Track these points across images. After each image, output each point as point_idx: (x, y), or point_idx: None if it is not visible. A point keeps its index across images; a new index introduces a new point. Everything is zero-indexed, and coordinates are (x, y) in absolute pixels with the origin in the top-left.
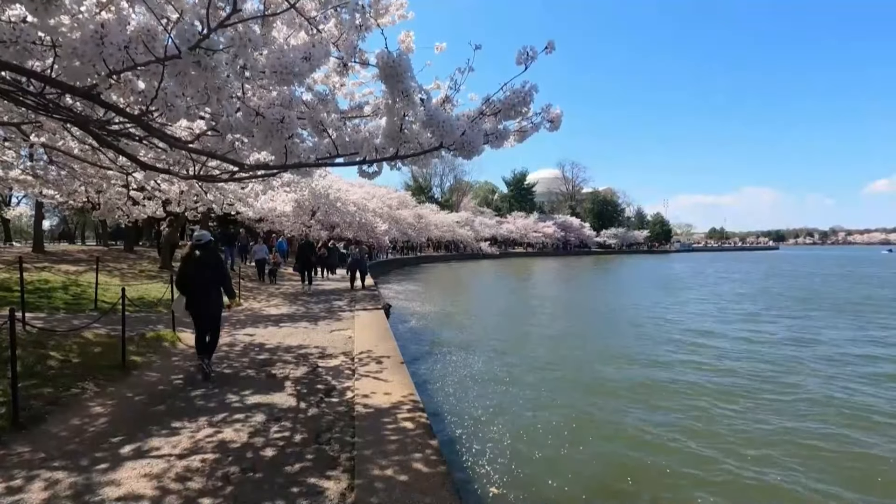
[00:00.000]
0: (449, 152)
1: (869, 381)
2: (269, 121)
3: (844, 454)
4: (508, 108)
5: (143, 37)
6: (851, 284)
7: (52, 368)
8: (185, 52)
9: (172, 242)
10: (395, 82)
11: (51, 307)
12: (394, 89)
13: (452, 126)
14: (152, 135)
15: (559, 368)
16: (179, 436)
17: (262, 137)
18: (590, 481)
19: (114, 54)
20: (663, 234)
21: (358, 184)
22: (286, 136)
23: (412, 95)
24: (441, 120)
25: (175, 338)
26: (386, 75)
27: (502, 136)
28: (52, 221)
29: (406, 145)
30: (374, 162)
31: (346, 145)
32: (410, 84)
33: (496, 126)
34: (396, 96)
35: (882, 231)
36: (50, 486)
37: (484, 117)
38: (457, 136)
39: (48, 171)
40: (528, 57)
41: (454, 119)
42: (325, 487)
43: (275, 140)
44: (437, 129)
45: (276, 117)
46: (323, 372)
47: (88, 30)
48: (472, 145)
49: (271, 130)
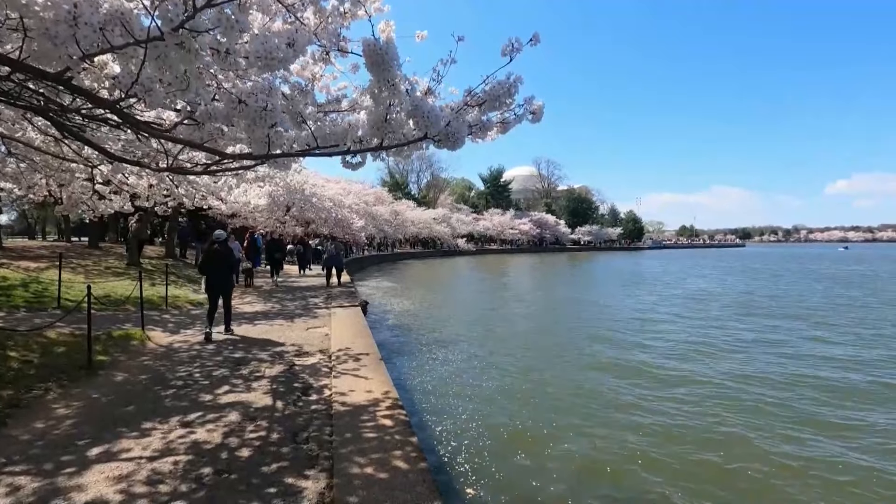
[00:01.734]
0: (434, 143)
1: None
2: (251, 108)
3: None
4: (493, 100)
5: (121, 17)
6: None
7: (12, 369)
8: (167, 34)
9: (141, 238)
10: (381, 70)
11: (10, 305)
12: (379, 78)
13: (437, 116)
14: (127, 123)
15: (531, 362)
16: (150, 437)
17: (246, 126)
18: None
19: (88, 35)
20: (636, 231)
21: (334, 179)
22: (269, 125)
23: (398, 84)
24: (426, 110)
25: (144, 336)
26: (372, 63)
27: (486, 127)
28: (10, 216)
29: (391, 135)
30: (359, 152)
31: (326, 137)
32: (396, 73)
33: (480, 117)
34: (382, 85)
35: (841, 229)
36: (11, 491)
37: (468, 108)
38: (441, 127)
39: (6, 164)
40: (513, 49)
41: (439, 109)
42: (303, 487)
43: (257, 129)
44: (423, 119)
45: (259, 105)
46: (300, 370)
47: (62, 9)
48: (456, 136)
49: (254, 119)
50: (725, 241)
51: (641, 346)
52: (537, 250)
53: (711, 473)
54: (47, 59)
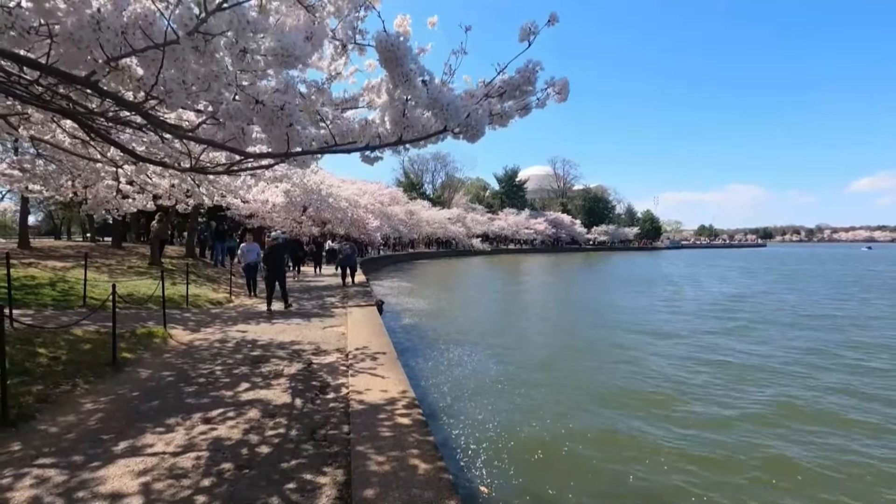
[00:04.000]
0: (453, 135)
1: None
2: (269, 108)
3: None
4: (513, 89)
5: (141, 22)
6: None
7: (41, 365)
8: (183, 37)
9: (162, 238)
10: (395, 66)
11: (38, 304)
12: (394, 73)
13: (457, 108)
14: (152, 124)
15: (549, 365)
16: (173, 433)
17: (264, 126)
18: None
19: (111, 40)
20: (653, 231)
21: (350, 180)
22: (287, 124)
23: (413, 79)
24: (446, 102)
25: (166, 334)
26: (385, 59)
27: (506, 115)
28: (37, 217)
29: (409, 129)
30: (378, 148)
31: (344, 134)
32: (410, 67)
33: (499, 105)
34: (397, 81)
35: (866, 229)
36: (40, 483)
37: (487, 99)
38: (462, 118)
39: (35, 165)
40: (530, 32)
41: (459, 101)
42: (322, 483)
43: (275, 128)
44: (442, 111)
45: (276, 104)
46: (317, 368)
47: (85, 14)
48: (477, 127)
49: (271, 119)
50: (746, 240)
51: (652, 340)
52: (553, 250)
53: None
54: (74, 63)
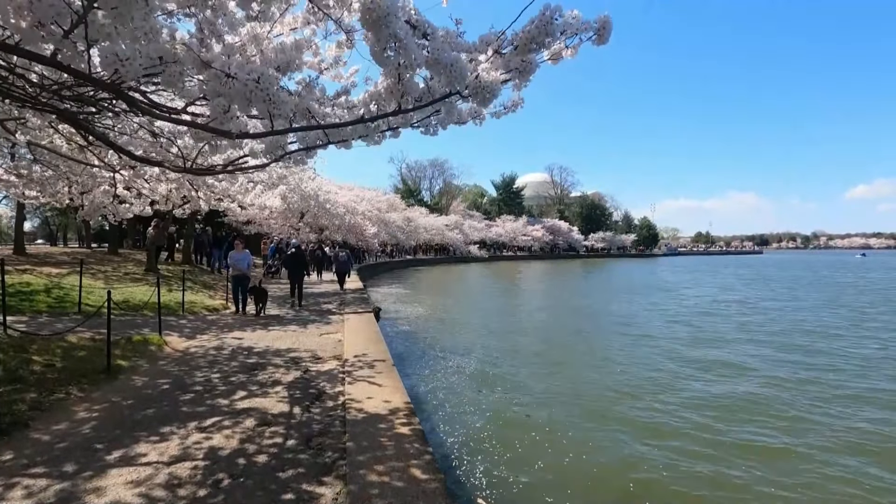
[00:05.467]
0: (462, 99)
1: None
2: (241, 82)
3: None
4: (528, 41)
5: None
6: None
7: (35, 373)
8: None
9: (158, 244)
10: (380, 27)
11: (33, 310)
12: (379, 36)
13: (463, 68)
14: (128, 104)
15: (547, 371)
16: (168, 442)
17: (241, 104)
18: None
19: (53, 4)
20: (650, 237)
21: (347, 186)
22: (265, 98)
23: (405, 40)
24: (448, 62)
25: (162, 342)
26: (367, 20)
27: (527, 70)
28: (33, 223)
29: (408, 96)
30: (376, 119)
31: (338, 132)
32: (398, 28)
33: (517, 59)
34: (385, 44)
35: (862, 236)
36: (32, 494)
37: (499, 56)
38: (470, 79)
39: (32, 171)
40: None
41: (465, 60)
42: (320, 494)
43: (255, 103)
44: (446, 72)
45: (250, 77)
46: (314, 376)
47: None
48: (489, 89)
49: (244, 94)
50: (742, 247)
51: (654, 343)
52: (550, 257)
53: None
54: (33, 39)
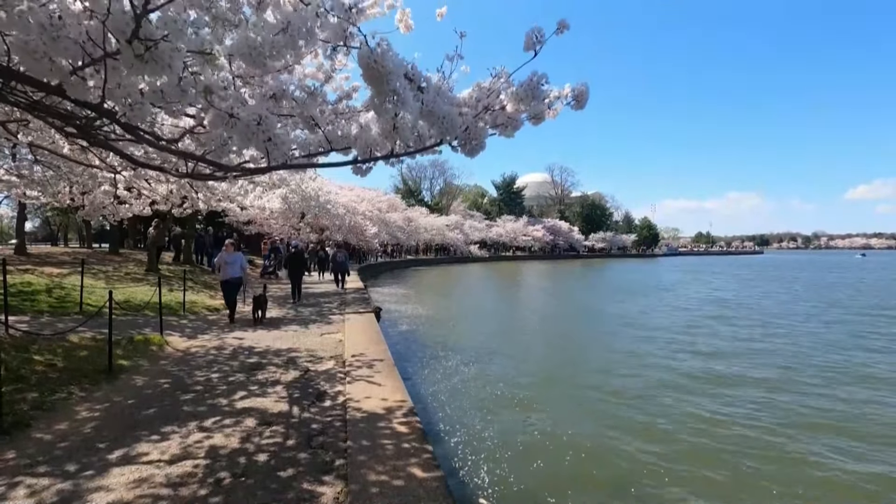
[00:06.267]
0: (451, 148)
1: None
2: (244, 122)
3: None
4: (517, 102)
5: (90, 31)
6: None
7: (36, 372)
8: (123, 46)
9: (159, 245)
10: (380, 83)
11: (34, 310)
12: (380, 91)
13: (454, 121)
14: (129, 133)
15: (546, 372)
16: (169, 441)
17: (240, 141)
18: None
19: (69, 48)
20: (651, 238)
21: (347, 186)
22: (265, 139)
23: (402, 94)
24: (442, 115)
25: (163, 341)
26: (369, 77)
27: (513, 125)
28: (34, 223)
29: (401, 143)
30: (369, 161)
31: (340, 140)
32: (398, 83)
33: (504, 113)
34: (384, 98)
35: (863, 236)
36: (34, 493)
37: (487, 112)
38: (460, 131)
39: (33, 171)
40: (536, 41)
41: (456, 113)
42: (320, 493)
43: (255, 142)
44: (438, 123)
45: (252, 119)
46: (314, 376)
47: (37, 24)
48: (476, 140)
49: (246, 134)
50: (743, 248)
51: (651, 341)
52: (551, 257)
53: None
54: (40, 71)
